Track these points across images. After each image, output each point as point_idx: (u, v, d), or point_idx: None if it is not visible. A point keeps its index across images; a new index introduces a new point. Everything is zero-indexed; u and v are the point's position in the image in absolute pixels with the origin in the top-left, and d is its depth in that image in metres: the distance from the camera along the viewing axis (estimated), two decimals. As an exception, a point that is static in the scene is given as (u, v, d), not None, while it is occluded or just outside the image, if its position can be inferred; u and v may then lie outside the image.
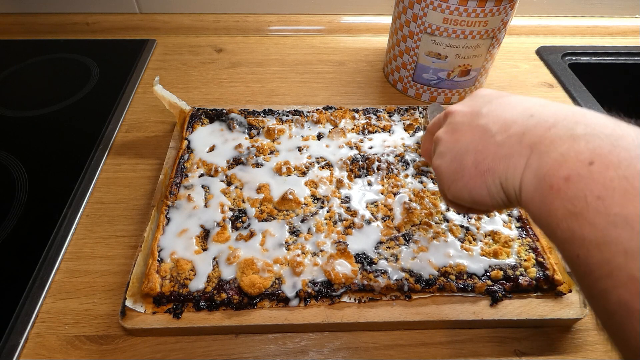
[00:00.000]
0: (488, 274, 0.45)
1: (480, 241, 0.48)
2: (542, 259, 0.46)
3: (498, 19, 0.61)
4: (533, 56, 0.85)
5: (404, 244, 0.48)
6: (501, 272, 0.45)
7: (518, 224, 0.50)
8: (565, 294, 0.44)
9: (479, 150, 0.31)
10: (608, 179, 0.22)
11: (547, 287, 0.45)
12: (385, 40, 0.77)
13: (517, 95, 0.34)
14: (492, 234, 0.49)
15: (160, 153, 0.61)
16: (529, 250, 0.47)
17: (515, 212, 0.51)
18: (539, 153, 0.27)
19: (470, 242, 0.48)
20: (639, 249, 0.20)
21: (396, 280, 0.44)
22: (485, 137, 0.31)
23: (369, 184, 0.55)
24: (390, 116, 0.65)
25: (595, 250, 0.22)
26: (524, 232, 0.49)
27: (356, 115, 0.64)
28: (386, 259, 0.46)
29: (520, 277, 0.45)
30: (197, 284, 0.44)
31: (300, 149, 0.59)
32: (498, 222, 0.50)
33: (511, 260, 0.46)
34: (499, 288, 0.44)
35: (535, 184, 0.26)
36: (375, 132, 0.62)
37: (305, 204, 0.52)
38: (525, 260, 0.46)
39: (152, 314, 0.42)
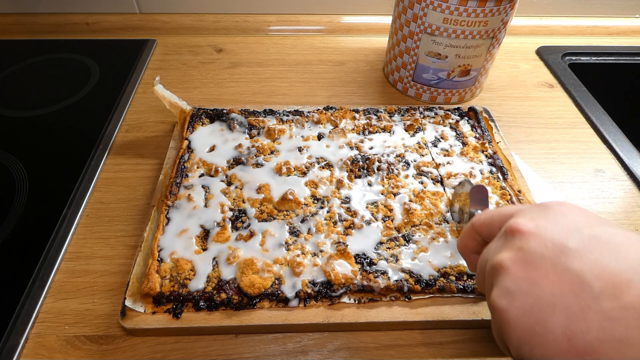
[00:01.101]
0: (488, 274, 0.45)
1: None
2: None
3: (498, 19, 0.61)
4: (533, 56, 0.85)
5: (404, 245, 0.48)
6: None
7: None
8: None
9: (573, 314, 0.23)
10: None
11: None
12: (385, 40, 0.77)
13: (614, 225, 0.26)
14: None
15: (160, 153, 0.61)
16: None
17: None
18: None
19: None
20: None
21: (396, 280, 0.44)
22: (582, 295, 0.23)
23: (369, 184, 0.55)
24: (390, 116, 0.65)
25: None
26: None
27: (356, 115, 0.64)
28: (386, 260, 0.46)
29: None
30: (197, 284, 0.44)
31: (300, 149, 0.59)
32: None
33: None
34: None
35: None
36: (376, 132, 0.62)
37: (305, 204, 0.52)
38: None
39: (152, 313, 0.42)
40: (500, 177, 0.56)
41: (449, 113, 0.65)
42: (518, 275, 0.26)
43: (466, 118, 0.65)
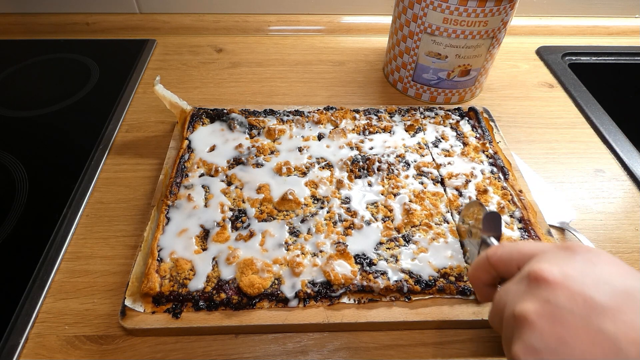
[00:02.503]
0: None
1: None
2: (542, 260, 0.46)
3: (498, 19, 0.61)
4: (533, 56, 0.85)
5: (404, 245, 0.48)
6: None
7: (520, 225, 0.50)
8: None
9: None
10: None
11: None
12: (385, 40, 0.77)
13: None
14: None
15: (161, 153, 0.61)
16: (529, 251, 0.47)
17: (517, 213, 0.51)
18: None
19: (470, 243, 0.48)
20: None
21: (396, 281, 0.44)
22: (613, 356, 0.22)
23: (369, 184, 0.55)
24: (391, 117, 0.65)
25: None
26: (526, 233, 0.49)
27: (357, 115, 0.64)
28: (386, 260, 0.46)
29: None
30: (197, 283, 0.44)
31: (300, 149, 0.59)
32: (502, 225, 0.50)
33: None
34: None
35: None
36: (376, 132, 0.62)
37: (305, 204, 0.52)
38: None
39: (152, 313, 0.42)
40: (502, 177, 0.56)
41: (450, 113, 0.65)
42: (545, 331, 0.25)
43: (467, 118, 0.65)
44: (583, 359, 0.23)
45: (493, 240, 0.40)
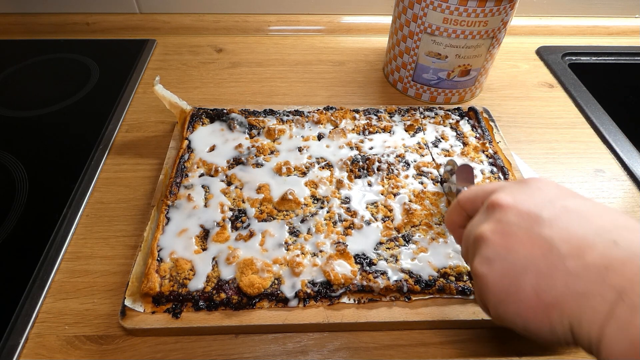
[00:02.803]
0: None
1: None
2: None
3: (498, 19, 0.61)
4: (533, 56, 0.85)
5: (404, 245, 0.48)
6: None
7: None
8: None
9: (542, 273, 0.26)
10: None
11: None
12: (385, 40, 0.77)
13: (584, 198, 0.29)
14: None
15: (160, 153, 0.61)
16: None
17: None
18: (631, 306, 0.22)
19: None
20: None
21: (395, 281, 0.44)
22: (550, 257, 0.26)
23: (369, 184, 0.55)
24: (390, 117, 0.65)
25: None
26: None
27: (357, 115, 0.64)
28: (386, 260, 0.46)
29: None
30: (197, 283, 0.44)
31: (300, 149, 0.59)
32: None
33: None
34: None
35: (626, 346, 0.22)
36: (376, 132, 0.62)
37: (305, 204, 0.52)
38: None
39: (151, 313, 0.42)
40: (501, 177, 0.56)
41: (449, 113, 0.65)
42: (497, 243, 0.29)
43: (466, 118, 0.65)
44: (525, 260, 0.27)
45: (465, 189, 0.41)
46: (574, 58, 0.84)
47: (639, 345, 0.21)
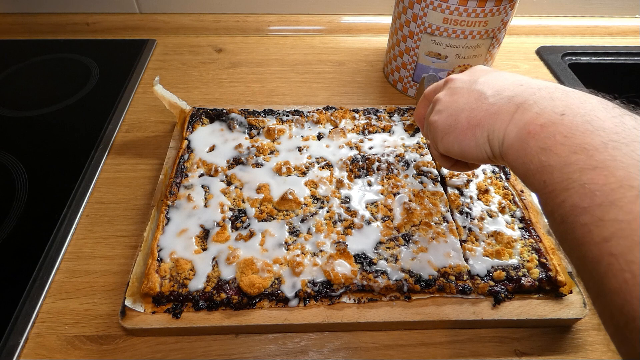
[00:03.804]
0: (491, 274, 0.45)
1: (483, 242, 0.48)
2: (544, 260, 0.46)
3: (498, 19, 0.61)
4: (533, 56, 0.85)
5: (404, 245, 0.48)
6: (504, 273, 0.45)
7: (521, 225, 0.50)
8: (566, 295, 0.44)
9: (473, 109, 0.36)
10: (574, 123, 0.28)
11: (549, 288, 0.44)
12: (385, 40, 0.77)
13: (510, 72, 0.39)
14: (495, 235, 0.49)
15: (160, 153, 0.61)
16: (532, 251, 0.47)
17: (518, 213, 0.51)
18: (522, 109, 0.32)
19: (472, 243, 0.48)
20: (592, 167, 0.26)
21: (396, 280, 0.44)
22: (480, 99, 0.36)
23: (369, 184, 0.55)
24: (390, 116, 0.65)
25: (557, 173, 0.28)
26: (527, 233, 0.49)
27: (356, 115, 0.64)
28: (386, 260, 0.46)
29: (523, 278, 0.45)
30: (197, 283, 0.44)
31: (300, 149, 0.59)
32: (501, 223, 0.50)
33: (514, 261, 0.46)
34: (502, 289, 0.44)
35: (516, 132, 0.32)
36: (376, 132, 0.62)
37: (305, 204, 0.52)
38: (528, 261, 0.46)
39: (152, 313, 0.42)
40: (503, 177, 0.56)
41: (449, 113, 0.65)
42: (446, 100, 0.39)
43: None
44: (463, 104, 0.37)
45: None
46: (574, 58, 0.84)
47: (523, 127, 0.31)
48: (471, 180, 0.55)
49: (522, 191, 0.54)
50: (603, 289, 0.24)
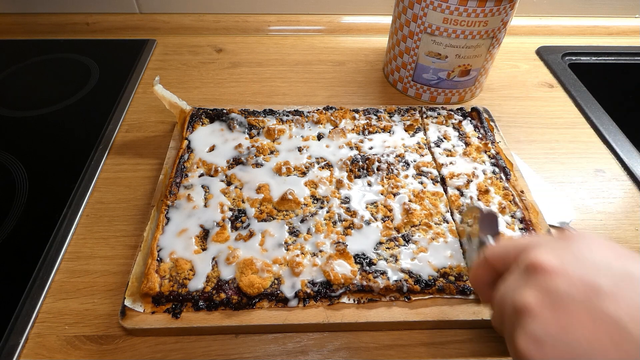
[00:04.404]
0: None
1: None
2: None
3: (498, 19, 0.61)
4: (533, 56, 0.85)
5: (404, 245, 0.48)
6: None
7: (521, 226, 0.50)
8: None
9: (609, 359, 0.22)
10: None
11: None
12: (385, 40, 0.77)
13: (621, 247, 0.25)
14: (492, 235, 0.49)
15: (160, 153, 0.61)
16: (529, 251, 0.47)
17: (518, 213, 0.51)
18: None
19: (470, 243, 0.48)
20: None
21: (395, 281, 0.44)
22: (621, 343, 0.22)
23: (369, 184, 0.55)
24: (390, 117, 0.65)
25: None
26: (527, 234, 0.49)
27: (356, 115, 0.64)
28: (385, 260, 0.46)
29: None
30: (196, 283, 0.44)
31: (300, 149, 0.59)
32: (501, 224, 0.50)
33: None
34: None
35: None
36: (376, 132, 0.62)
37: (304, 204, 0.52)
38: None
39: (151, 313, 0.42)
40: (503, 178, 0.56)
41: (452, 113, 0.65)
42: (547, 319, 0.24)
43: (469, 118, 0.65)
44: (588, 344, 0.22)
45: (490, 239, 0.40)
46: (574, 58, 0.84)
47: None
48: (471, 181, 0.55)
49: (522, 192, 0.54)
50: None
